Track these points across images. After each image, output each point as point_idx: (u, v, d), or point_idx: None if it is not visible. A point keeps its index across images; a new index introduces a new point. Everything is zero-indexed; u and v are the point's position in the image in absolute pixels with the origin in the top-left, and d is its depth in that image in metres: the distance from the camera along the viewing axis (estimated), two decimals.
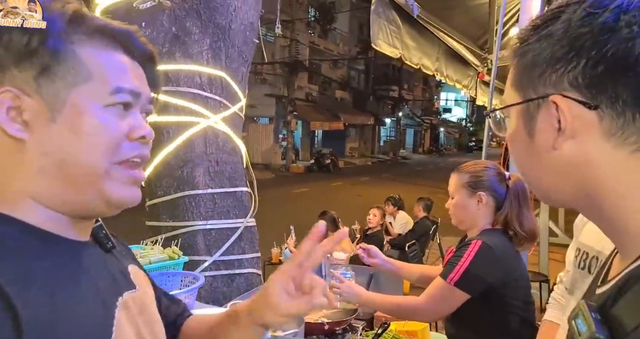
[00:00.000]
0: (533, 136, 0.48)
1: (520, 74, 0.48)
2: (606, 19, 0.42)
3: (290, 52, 19.48)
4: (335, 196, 11.19)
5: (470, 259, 1.34)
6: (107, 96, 0.50)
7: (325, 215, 4.10)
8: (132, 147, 0.51)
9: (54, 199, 0.50)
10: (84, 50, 0.49)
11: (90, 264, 0.54)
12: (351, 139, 26.47)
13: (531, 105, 0.47)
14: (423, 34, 3.08)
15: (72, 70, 0.49)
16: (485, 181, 1.43)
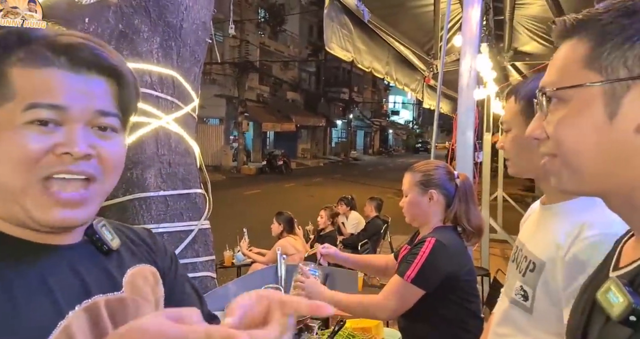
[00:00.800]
0: (614, 116, 0.46)
1: (602, 53, 0.47)
2: None
3: (240, 52, 19.23)
4: (288, 197, 11.19)
5: (426, 256, 1.40)
6: (19, 114, 0.49)
7: (282, 215, 4.09)
8: (54, 163, 0.50)
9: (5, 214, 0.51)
10: (14, 70, 0.50)
11: (53, 269, 0.54)
12: (303, 140, 26.57)
13: (619, 85, 0.46)
14: (373, 38, 3.18)
15: (2, 91, 0.49)
16: (436, 179, 1.51)
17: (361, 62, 3.00)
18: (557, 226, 0.94)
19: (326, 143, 29.09)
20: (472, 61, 2.00)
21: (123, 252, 0.64)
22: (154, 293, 0.66)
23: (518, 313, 0.99)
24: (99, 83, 0.54)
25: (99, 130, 0.54)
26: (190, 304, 0.73)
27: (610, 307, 0.46)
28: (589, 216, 0.88)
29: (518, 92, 1.01)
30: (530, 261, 0.99)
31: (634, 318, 0.43)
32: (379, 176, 17.53)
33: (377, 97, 37.31)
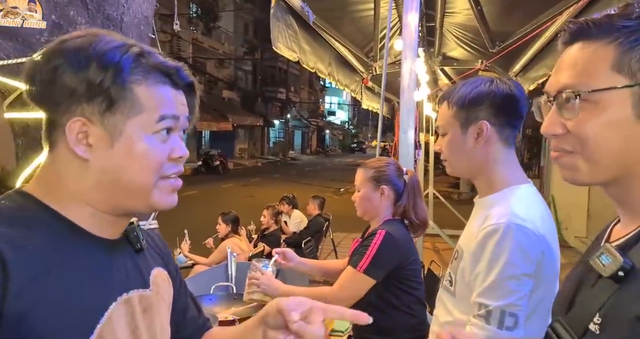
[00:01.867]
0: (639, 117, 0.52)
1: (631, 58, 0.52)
2: None
3: (172, 48, 18.44)
4: (227, 198, 10.96)
5: (377, 247, 1.49)
6: (153, 125, 0.60)
7: (228, 215, 4.03)
8: (171, 166, 0.63)
9: (105, 204, 0.61)
10: (139, 88, 0.59)
11: (106, 261, 0.62)
12: (240, 140, 26.11)
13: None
14: (317, 39, 3.25)
15: (129, 106, 0.59)
16: (387, 175, 1.61)
17: (306, 62, 3.06)
18: (476, 218, 1.08)
19: (264, 143, 28.86)
20: (412, 64, 2.13)
21: (147, 253, 0.70)
22: (169, 296, 0.73)
23: (446, 297, 1.11)
24: (183, 96, 0.65)
25: (182, 132, 0.66)
26: (192, 312, 0.80)
27: (602, 267, 0.54)
28: (493, 209, 1.02)
29: (451, 98, 1.09)
30: (456, 250, 1.12)
31: (622, 273, 0.52)
32: (318, 175, 17.77)
33: (313, 97, 37.71)
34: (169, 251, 0.80)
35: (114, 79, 0.57)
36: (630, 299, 0.51)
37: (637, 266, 0.52)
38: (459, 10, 3.56)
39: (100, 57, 0.57)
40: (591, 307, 0.54)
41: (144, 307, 0.65)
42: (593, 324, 0.53)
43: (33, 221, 0.57)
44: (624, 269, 0.52)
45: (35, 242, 0.55)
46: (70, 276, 0.56)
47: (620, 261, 0.52)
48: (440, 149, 1.14)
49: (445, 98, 1.12)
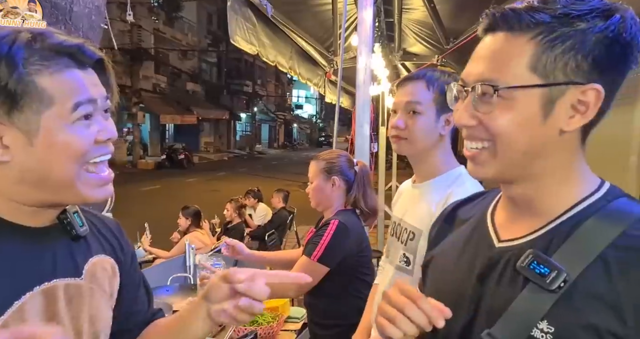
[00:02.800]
0: (547, 116, 0.53)
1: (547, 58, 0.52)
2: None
3: (132, 38, 17.77)
4: (191, 192, 10.77)
5: (330, 236, 1.56)
6: (70, 114, 0.57)
7: (188, 209, 4.00)
8: (97, 150, 0.60)
9: (31, 200, 0.59)
10: (42, 78, 0.55)
11: (25, 247, 0.60)
12: (206, 133, 25.61)
13: (555, 89, 0.52)
14: (277, 33, 3.26)
15: (37, 99, 0.55)
16: (338, 167, 1.67)
17: (266, 56, 3.07)
18: (429, 198, 1.15)
19: (230, 137, 28.44)
20: (367, 60, 2.19)
21: (90, 240, 0.67)
22: (110, 285, 0.70)
23: (402, 277, 1.18)
24: (95, 74, 0.61)
25: (104, 113, 0.62)
26: (141, 302, 0.78)
27: (540, 277, 0.52)
28: (453, 187, 1.10)
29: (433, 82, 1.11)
30: (410, 231, 1.19)
31: (563, 284, 0.51)
32: (284, 169, 17.73)
33: (280, 91, 37.44)
34: (125, 239, 0.77)
35: (8, 74, 0.54)
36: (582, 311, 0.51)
37: (570, 273, 0.52)
38: (416, 7, 3.67)
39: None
40: (531, 315, 0.53)
41: (70, 296, 0.63)
42: (541, 333, 0.52)
43: None
44: (565, 281, 0.51)
45: None
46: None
47: (563, 272, 0.51)
48: (402, 124, 1.14)
49: (423, 78, 1.13)
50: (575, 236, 0.54)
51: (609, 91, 0.53)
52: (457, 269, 0.65)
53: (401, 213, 1.26)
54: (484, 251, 0.61)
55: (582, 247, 0.53)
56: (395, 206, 1.34)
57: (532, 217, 0.58)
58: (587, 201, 0.56)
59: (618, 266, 0.51)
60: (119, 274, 0.73)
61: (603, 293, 0.50)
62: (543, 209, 0.58)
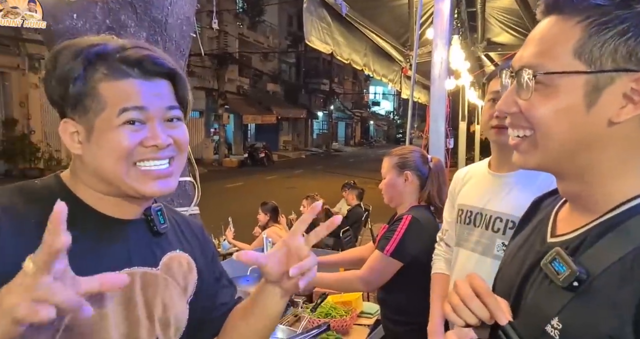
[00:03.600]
0: (592, 105, 0.50)
1: (594, 44, 0.48)
2: None
3: (219, 44, 18.99)
4: (270, 189, 11.25)
5: (403, 231, 1.56)
6: (115, 118, 0.65)
7: (267, 205, 4.20)
8: (143, 153, 0.67)
9: (103, 189, 0.69)
10: (104, 85, 0.65)
11: (109, 236, 0.68)
12: (284, 132, 26.52)
13: (602, 77, 0.48)
14: (352, 31, 3.28)
15: (95, 103, 0.65)
16: (411, 161, 1.66)
17: (340, 54, 3.11)
18: (528, 188, 1.11)
19: (307, 135, 29.12)
20: (444, 53, 2.13)
21: (170, 236, 0.76)
22: (185, 279, 0.77)
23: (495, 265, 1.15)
24: (164, 85, 0.68)
25: (169, 122, 0.69)
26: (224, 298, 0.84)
27: (556, 275, 0.53)
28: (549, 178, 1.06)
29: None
30: (506, 220, 1.18)
31: (577, 283, 0.51)
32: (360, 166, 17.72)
33: (357, 88, 37.40)
34: (207, 240, 0.83)
35: (73, 82, 0.64)
36: (590, 309, 0.50)
37: (592, 272, 0.50)
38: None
39: (62, 66, 0.64)
40: (547, 311, 0.53)
41: (145, 283, 0.70)
42: (552, 328, 0.52)
43: (51, 199, 0.63)
44: (579, 279, 0.51)
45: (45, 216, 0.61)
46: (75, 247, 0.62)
47: (575, 271, 0.51)
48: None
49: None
50: (609, 235, 0.51)
51: None
52: (513, 263, 0.65)
53: (482, 202, 1.24)
54: (536, 246, 0.61)
55: (611, 247, 0.50)
56: (466, 194, 1.31)
57: (584, 213, 0.56)
58: (638, 199, 0.52)
59: (636, 269, 0.47)
60: (197, 271, 0.78)
61: (610, 295, 0.49)
62: (592, 206, 0.55)
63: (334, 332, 1.73)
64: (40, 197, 0.66)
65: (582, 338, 0.50)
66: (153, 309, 0.71)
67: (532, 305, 0.56)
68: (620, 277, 0.48)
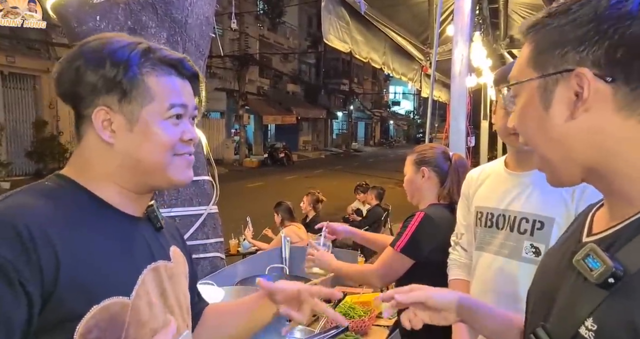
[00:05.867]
0: (549, 107, 0.54)
1: (538, 53, 0.55)
2: (630, 7, 0.49)
3: (240, 45, 19.19)
4: (290, 189, 11.30)
5: (414, 228, 1.53)
6: (165, 111, 0.69)
7: (281, 205, 4.21)
8: (183, 146, 0.71)
9: (129, 182, 0.70)
10: (149, 79, 0.68)
11: (132, 233, 0.71)
12: (304, 132, 26.60)
13: (550, 79, 0.54)
14: (370, 29, 3.26)
15: (143, 95, 0.68)
16: (429, 158, 1.63)
17: (359, 53, 3.09)
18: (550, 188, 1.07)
19: (327, 135, 29.13)
20: (464, 50, 2.09)
21: (165, 232, 0.80)
22: (186, 269, 0.83)
23: (530, 269, 1.09)
24: (190, 86, 0.73)
25: (192, 120, 0.74)
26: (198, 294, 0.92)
27: (589, 271, 0.51)
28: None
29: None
30: (533, 220, 1.14)
31: (612, 280, 0.49)
32: (380, 166, 17.61)
33: (377, 87, 37.19)
34: (183, 237, 0.89)
35: (125, 72, 0.66)
36: (627, 307, 0.48)
37: (629, 269, 0.49)
38: None
39: (112, 55, 0.66)
40: (581, 311, 0.52)
41: (169, 275, 0.74)
42: (586, 330, 0.51)
43: (70, 198, 0.66)
44: (615, 276, 0.49)
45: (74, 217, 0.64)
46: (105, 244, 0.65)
47: (611, 267, 0.49)
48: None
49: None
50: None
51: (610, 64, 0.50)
52: (549, 266, 0.64)
53: (502, 202, 1.21)
54: (572, 247, 0.59)
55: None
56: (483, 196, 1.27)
57: (620, 210, 0.54)
58: None
59: None
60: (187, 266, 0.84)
61: None
62: (627, 202, 0.54)
63: (352, 333, 1.71)
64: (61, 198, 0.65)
65: (613, 335, 0.48)
66: (179, 299, 0.76)
67: (564, 307, 0.55)
68: None
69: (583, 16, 0.51)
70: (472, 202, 1.33)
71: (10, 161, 10.76)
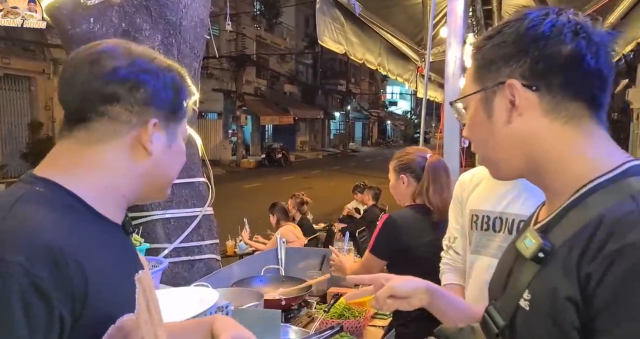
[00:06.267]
0: (491, 115, 0.64)
1: (479, 70, 0.65)
2: (543, 30, 0.59)
3: (237, 46, 19.17)
4: (287, 190, 11.27)
5: (378, 230, 1.64)
6: (186, 131, 0.74)
7: (276, 206, 4.22)
8: None
9: (135, 195, 0.69)
10: (187, 101, 0.72)
11: (123, 244, 0.70)
12: (301, 133, 26.59)
13: (489, 91, 0.63)
14: (365, 31, 3.27)
15: (182, 114, 0.71)
16: (407, 164, 1.69)
17: (354, 54, 3.10)
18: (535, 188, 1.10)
19: (324, 135, 29.12)
20: (458, 51, 2.10)
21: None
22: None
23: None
24: None
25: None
26: None
27: (525, 249, 0.60)
28: None
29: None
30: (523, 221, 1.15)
31: (542, 254, 0.57)
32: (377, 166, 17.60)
33: (374, 88, 37.20)
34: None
35: (177, 95, 0.69)
36: (550, 276, 0.56)
37: (556, 246, 0.57)
38: None
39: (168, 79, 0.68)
40: (519, 286, 0.60)
41: (148, 285, 0.72)
42: (523, 301, 0.59)
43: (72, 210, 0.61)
44: (543, 251, 0.57)
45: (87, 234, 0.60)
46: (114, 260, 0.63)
47: (541, 243, 0.57)
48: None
49: None
50: (572, 212, 0.59)
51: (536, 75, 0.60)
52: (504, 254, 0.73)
53: (498, 205, 1.22)
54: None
55: (572, 221, 0.58)
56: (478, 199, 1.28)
57: (555, 200, 0.63)
58: (596, 181, 0.59)
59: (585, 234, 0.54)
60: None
61: (565, 260, 0.55)
62: (559, 193, 0.62)
63: (347, 333, 1.72)
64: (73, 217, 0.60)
65: (546, 305, 0.56)
66: (158, 311, 0.74)
67: (511, 286, 0.63)
68: (572, 244, 0.55)
69: (508, 37, 0.61)
70: (465, 205, 1.34)
71: (5, 162, 10.73)
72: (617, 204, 0.54)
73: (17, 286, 0.50)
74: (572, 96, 0.60)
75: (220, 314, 1.14)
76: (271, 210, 4.21)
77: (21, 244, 0.52)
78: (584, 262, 0.52)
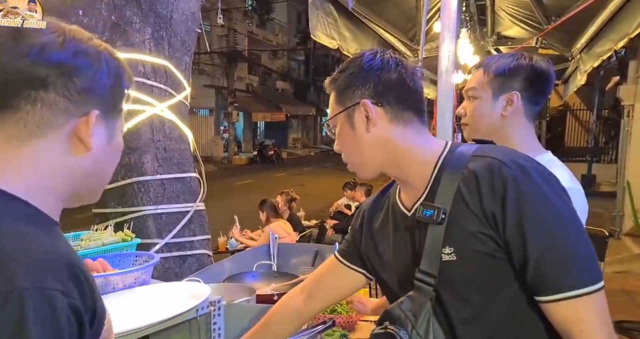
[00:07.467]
0: (354, 128, 0.84)
1: (339, 95, 0.86)
2: (376, 63, 0.83)
3: (229, 42, 19.04)
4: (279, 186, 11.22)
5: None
6: (124, 125, 0.67)
7: (265, 203, 4.21)
8: None
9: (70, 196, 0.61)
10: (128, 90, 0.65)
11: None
12: (293, 129, 26.54)
13: (350, 110, 0.85)
14: (358, 26, 3.26)
15: (121, 106, 0.63)
16: None
17: (347, 49, 3.08)
18: None
19: (317, 132, 29.10)
20: (451, 46, 2.09)
21: None
22: None
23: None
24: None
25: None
26: None
27: (429, 218, 0.78)
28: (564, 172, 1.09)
29: (489, 66, 1.13)
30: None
31: (444, 216, 0.76)
32: None
33: None
34: None
35: (120, 82, 0.61)
36: (463, 226, 0.75)
37: (447, 207, 0.77)
38: None
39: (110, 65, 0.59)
40: (437, 246, 0.77)
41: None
42: (446, 255, 0.77)
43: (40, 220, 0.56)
44: (445, 213, 0.77)
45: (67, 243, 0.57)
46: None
47: (441, 208, 0.77)
48: (465, 112, 1.18)
49: (482, 65, 1.16)
50: (440, 185, 0.79)
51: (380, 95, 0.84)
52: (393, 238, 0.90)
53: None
54: (402, 222, 0.87)
55: (447, 190, 0.78)
56: None
57: (415, 185, 0.84)
58: (439, 161, 0.82)
59: (467, 188, 0.76)
60: None
61: (467, 208, 0.75)
62: (416, 179, 0.84)
63: (339, 328, 1.72)
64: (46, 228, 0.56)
65: (470, 245, 0.74)
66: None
67: (428, 250, 0.79)
68: (464, 197, 0.75)
69: (355, 69, 0.84)
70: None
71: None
72: (477, 163, 0.76)
73: (61, 310, 0.49)
74: (404, 107, 0.83)
75: (212, 308, 1.12)
76: (261, 207, 4.20)
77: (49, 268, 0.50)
78: (485, 204, 0.73)
